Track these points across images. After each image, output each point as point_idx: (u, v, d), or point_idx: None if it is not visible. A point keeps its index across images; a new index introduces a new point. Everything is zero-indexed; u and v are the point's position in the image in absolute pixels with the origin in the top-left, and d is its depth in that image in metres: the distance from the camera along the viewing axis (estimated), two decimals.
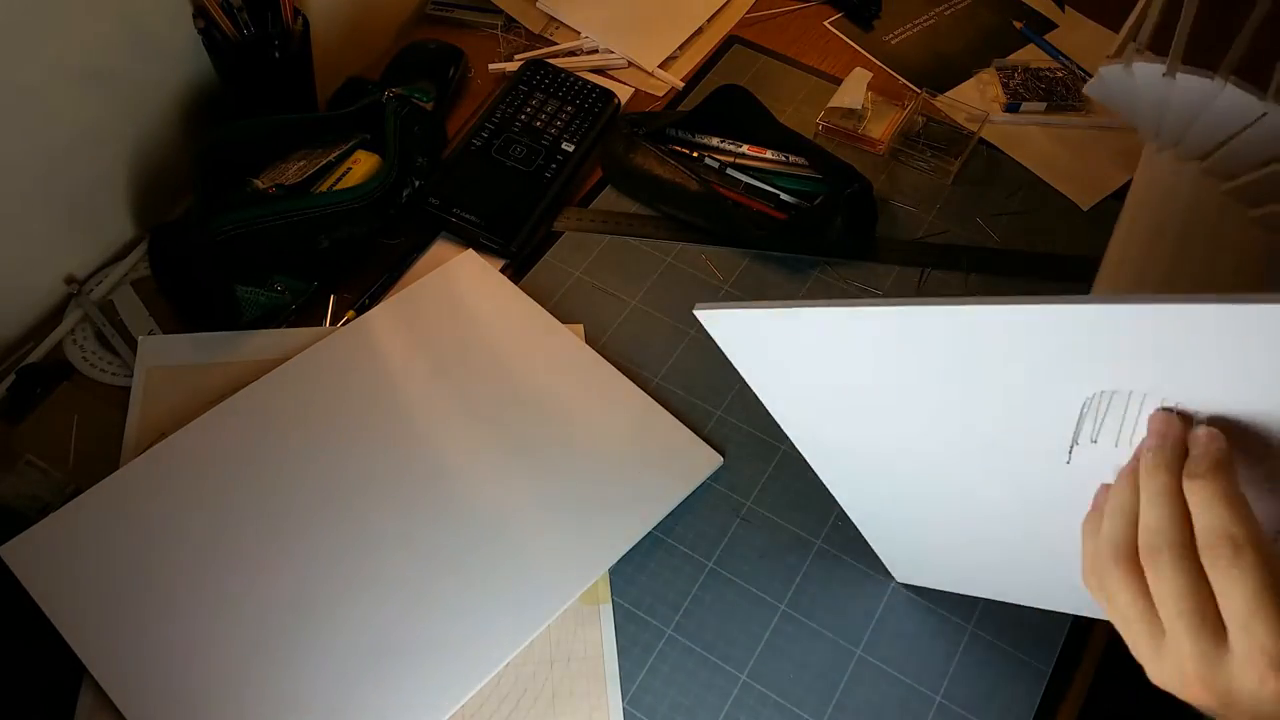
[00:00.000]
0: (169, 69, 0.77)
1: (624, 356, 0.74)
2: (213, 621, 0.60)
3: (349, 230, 0.75)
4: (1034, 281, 0.80)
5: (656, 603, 0.64)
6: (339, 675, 0.58)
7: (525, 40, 0.97)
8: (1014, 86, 0.93)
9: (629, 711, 0.60)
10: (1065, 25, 1.00)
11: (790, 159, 0.84)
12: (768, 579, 0.65)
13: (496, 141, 0.84)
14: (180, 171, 0.78)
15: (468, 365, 0.72)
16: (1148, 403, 0.37)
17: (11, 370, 0.71)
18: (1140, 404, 0.37)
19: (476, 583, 0.62)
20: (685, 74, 0.95)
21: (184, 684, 0.58)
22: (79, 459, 0.68)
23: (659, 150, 0.81)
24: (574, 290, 0.79)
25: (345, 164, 0.78)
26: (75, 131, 0.71)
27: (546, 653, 0.61)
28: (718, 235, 0.82)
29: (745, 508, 0.68)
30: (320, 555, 0.62)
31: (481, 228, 0.79)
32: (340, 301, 0.77)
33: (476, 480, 0.66)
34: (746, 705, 0.60)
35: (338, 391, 0.70)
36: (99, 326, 0.74)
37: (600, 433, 0.69)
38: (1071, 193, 0.86)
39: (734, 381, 0.74)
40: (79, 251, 0.76)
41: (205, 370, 0.71)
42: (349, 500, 0.65)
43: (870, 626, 0.63)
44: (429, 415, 0.69)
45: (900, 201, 0.86)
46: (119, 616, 0.59)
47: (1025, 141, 0.90)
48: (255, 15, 0.77)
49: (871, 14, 1.01)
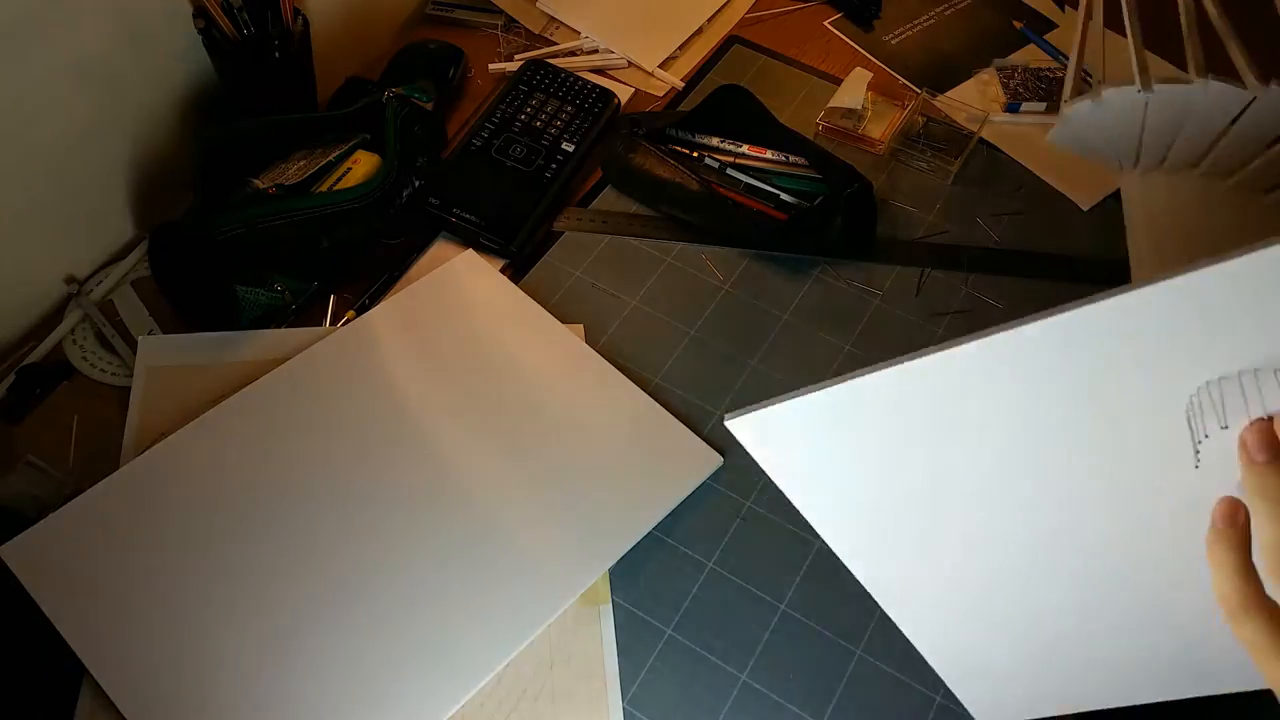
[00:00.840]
0: (169, 69, 0.77)
1: (624, 356, 0.74)
2: (213, 621, 0.60)
3: (349, 230, 0.75)
4: (1034, 281, 0.80)
5: (656, 603, 0.64)
6: (339, 675, 0.58)
7: (525, 40, 0.97)
8: (1014, 86, 0.93)
9: (629, 711, 0.60)
10: (1065, 25, 1.00)
11: (790, 159, 0.84)
12: (768, 579, 0.65)
13: (496, 141, 0.84)
14: (180, 171, 0.78)
15: (468, 365, 0.72)
16: (1263, 377, 0.32)
17: (11, 370, 0.71)
18: (1255, 380, 0.33)
19: (476, 583, 0.62)
20: (685, 74, 0.95)
21: (184, 684, 0.58)
22: (79, 459, 0.68)
23: (659, 150, 0.81)
24: (574, 290, 0.79)
25: (345, 164, 0.78)
26: (75, 131, 0.71)
27: (546, 653, 0.61)
28: (718, 235, 0.82)
29: (745, 508, 0.68)
30: (320, 555, 0.62)
31: (481, 228, 0.79)
32: (340, 301, 0.77)
33: (476, 480, 0.66)
34: (746, 705, 0.60)
35: (338, 392, 0.70)
36: (99, 326, 0.74)
37: (600, 433, 0.69)
38: (1071, 193, 0.86)
39: (734, 381, 0.74)
40: (79, 251, 0.76)
41: (205, 370, 0.71)
42: (348, 500, 0.65)
43: (870, 626, 0.63)
44: (429, 415, 0.69)
45: (900, 201, 0.86)
46: (119, 616, 0.59)
47: (1025, 141, 0.90)
48: (255, 15, 0.77)
49: (871, 14, 1.01)
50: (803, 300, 0.79)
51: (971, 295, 0.79)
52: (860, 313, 0.78)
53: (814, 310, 0.78)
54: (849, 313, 0.78)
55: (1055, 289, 0.79)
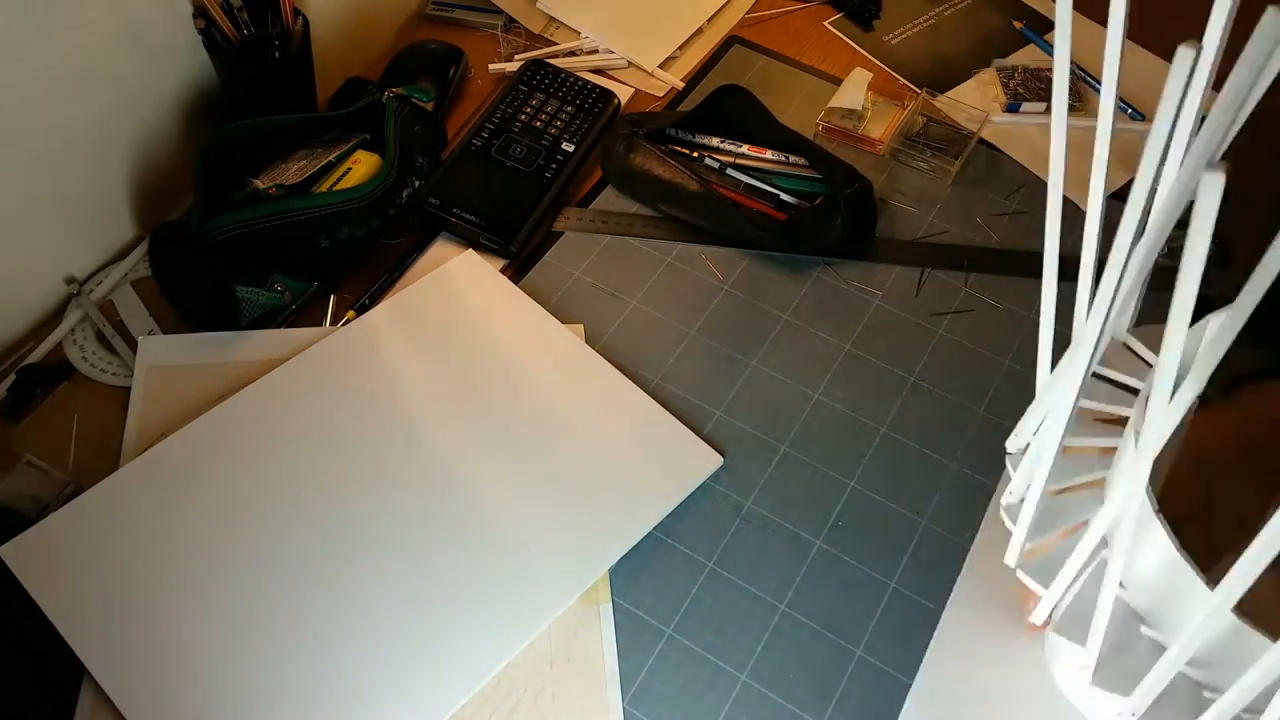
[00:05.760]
0: (169, 69, 0.77)
1: (624, 356, 0.74)
2: (213, 622, 0.60)
3: (349, 230, 0.75)
4: (1034, 281, 0.79)
5: (656, 603, 0.64)
6: (339, 675, 0.58)
7: (525, 40, 0.97)
8: (1014, 86, 0.93)
9: (629, 711, 0.60)
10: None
11: (790, 159, 0.85)
12: (768, 579, 0.65)
13: (496, 141, 0.84)
14: (180, 171, 0.79)
15: (468, 366, 0.72)
16: None
17: (11, 370, 0.71)
18: None
19: (476, 583, 0.62)
20: (685, 74, 0.95)
21: (184, 684, 0.58)
22: (79, 459, 0.68)
23: (659, 150, 0.81)
24: (574, 290, 0.79)
25: (345, 164, 0.78)
26: (75, 131, 0.71)
27: (546, 653, 0.61)
28: (718, 235, 0.82)
29: (745, 508, 0.68)
30: (320, 555, 0.62)
31: (481, 228, 0.79)
32: (340, 301, 0.77)
33: (476, 480, 0.66)
34: (746, 705, 0.60)
35: (338, 392, 0.70)
36: (99, 326, 0.74)
37: (600, 433, 0.69)
38: (1071, 193, 0.86)
39: (734, 381, 0.74)
40: (79, 251, 0.76)
41: (205, 370, 0.71)
42: (348, 500, 0.65)
43: (869, 626, 0.63)
44: (429, 416, 0.69)
45: (900, 201, 0.86)
46: (119, 616, 0.59)
47: (1025, 141, 0.90)
48: (255, 15, 0.77)
49: (871, 14, 1.01)
50: (803, 300, 0.79)
51: (971, 295, 0.80)
52: (860, 313, 0.78)
53: (814, 310, 0.78)
54: (849, 313, 0.78)
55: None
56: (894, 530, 0.67)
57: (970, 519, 0.68)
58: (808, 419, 0.72)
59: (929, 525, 0.67)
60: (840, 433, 0.71)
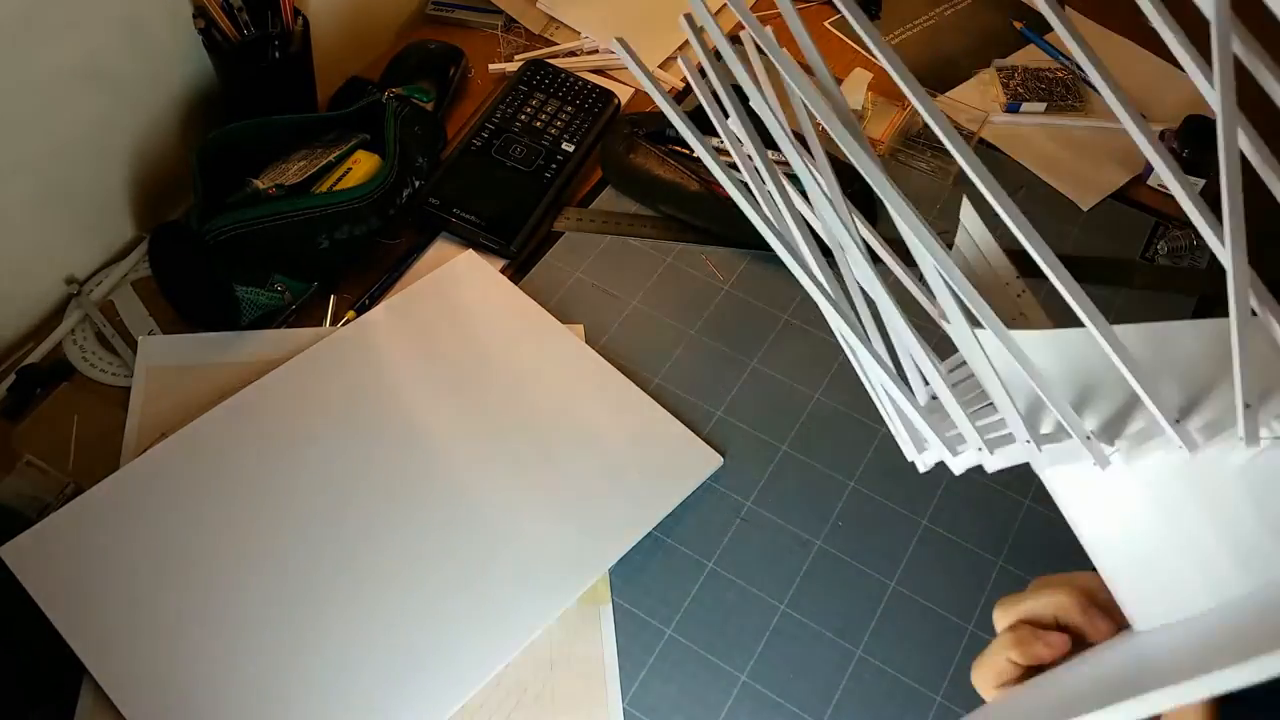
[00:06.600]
0: (169, 69, 0.76)
1: (624, 356, 0.74)
2: (213, 621, 0.60)
3: (349, 230, 0.75)
4: (1034, 281, 0.80)
5: (656, 603, 0.64)
6: (339, 675, 0.58)
7: (525, 40, 0.97)
8: (1014, 86, 0.93)
9: (629, 711, 0.60)
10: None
11: None
12: (768, 579, 0.65)
13: (496, 142, 0.84)
14: (180, 171, 0.78)
15: (468, 366, 0.72)
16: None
17: (11, 370, 0.71)
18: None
19: (476, 583, 0.62)
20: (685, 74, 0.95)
21: (184, 684, 0.58)
22: (79, 459, 0.68)
23: (659, 150, 0.81)
24: (574, 290, 0.79)
25: (345, 164, 0.78)
26: (75, 131, 0.71)
27: (547, 653, 0.61)
28: (718, 235, 0.82)
29: (745, 508, 0.68)
30: (320, 555, 0.62)
31: (481, 228, 0.79)
32: (340, 301, 0.77)
33: (476, 480, 0.66)
34: (746, 705, 0.60)
35: (337, 392, 0.70)
36: (99, 326, 0.74)
37: (600, 433, 0.69)
38: (1071, 193, 0.86)
39: (734, 381, 0.74)
40: (79, 251, 0.76)
41: (205, 370, 0.71)
42: (349, 500, 0.65)
43: (870, 626, 0.63)
44: (429, 416, 0.69)
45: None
46: (119, 616, 0.59)
47: (1025, 141, 0.90)
48: (255, 15, 0.77)
49: (871, 14, 1.01)
50: (803, 300, 0.79)
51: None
52: None
53: (814, 310, 0.78)
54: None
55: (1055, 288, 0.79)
56: (894, 530, 0.67)
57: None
58: (808, 419, 0.72)
59: (929, 525, 0.67)
60: (840, 433, 0.71)
